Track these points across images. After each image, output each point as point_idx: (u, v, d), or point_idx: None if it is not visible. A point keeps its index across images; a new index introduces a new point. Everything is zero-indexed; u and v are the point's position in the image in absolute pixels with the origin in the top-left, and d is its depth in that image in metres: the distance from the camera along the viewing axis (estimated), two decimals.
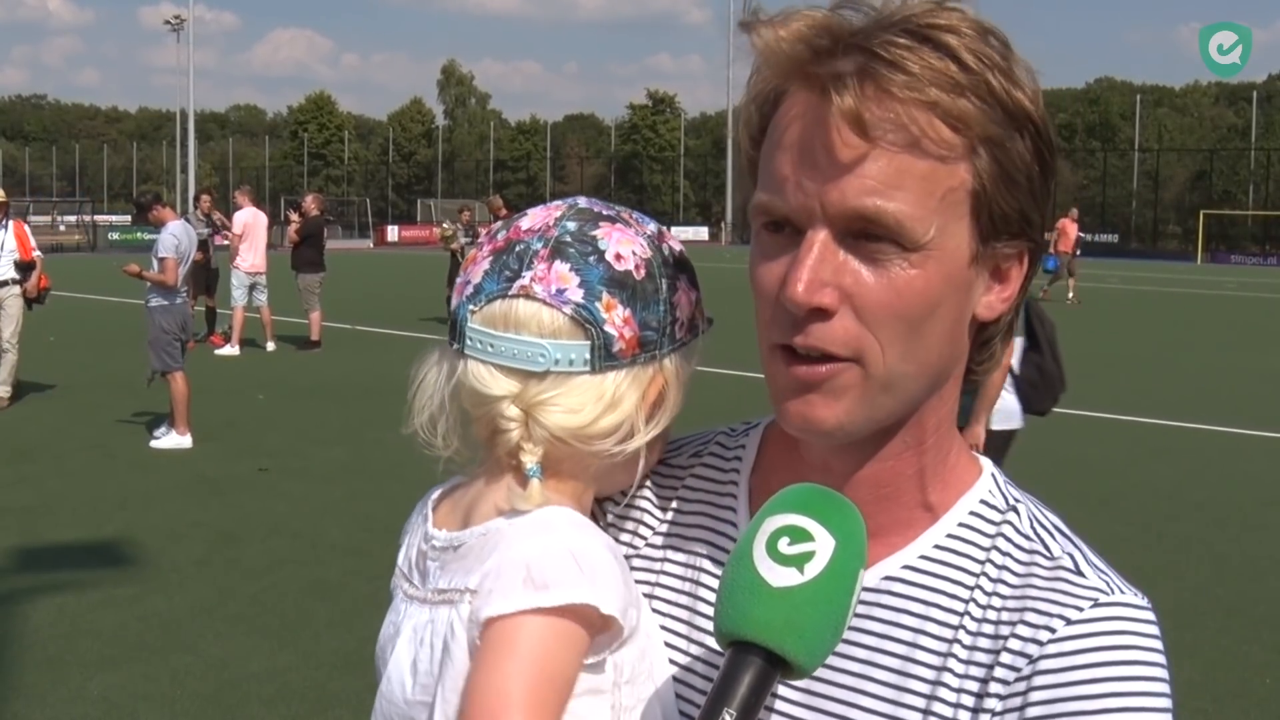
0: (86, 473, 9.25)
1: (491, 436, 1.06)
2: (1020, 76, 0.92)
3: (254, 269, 16.61)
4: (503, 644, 0.97)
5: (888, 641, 0.98)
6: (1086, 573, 0.96)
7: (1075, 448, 10.05)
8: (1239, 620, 6.10)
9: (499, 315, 1.03)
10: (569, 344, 1.02)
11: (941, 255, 0.91)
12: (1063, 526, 1.02)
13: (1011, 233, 0.94)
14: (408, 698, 1.05)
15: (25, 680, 5.24)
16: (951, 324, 0.95)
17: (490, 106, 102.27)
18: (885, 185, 0.89)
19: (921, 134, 0.88)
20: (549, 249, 1.03)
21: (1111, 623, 0.92)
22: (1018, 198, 0.93)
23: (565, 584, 0.97)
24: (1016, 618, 0.94)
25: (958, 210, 0.91)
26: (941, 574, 0.99)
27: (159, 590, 6.43)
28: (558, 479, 1.06)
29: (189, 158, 63.43)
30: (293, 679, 5.29)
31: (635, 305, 1.03)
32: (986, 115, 0.90)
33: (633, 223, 1.08)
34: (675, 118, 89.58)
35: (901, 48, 0.89)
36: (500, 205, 21.28)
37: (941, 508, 1.02)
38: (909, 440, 1.00)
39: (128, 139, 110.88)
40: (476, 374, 1.04)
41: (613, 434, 1.04)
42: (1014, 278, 0.97)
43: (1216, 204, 59.97)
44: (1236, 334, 21.17)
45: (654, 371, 1.06)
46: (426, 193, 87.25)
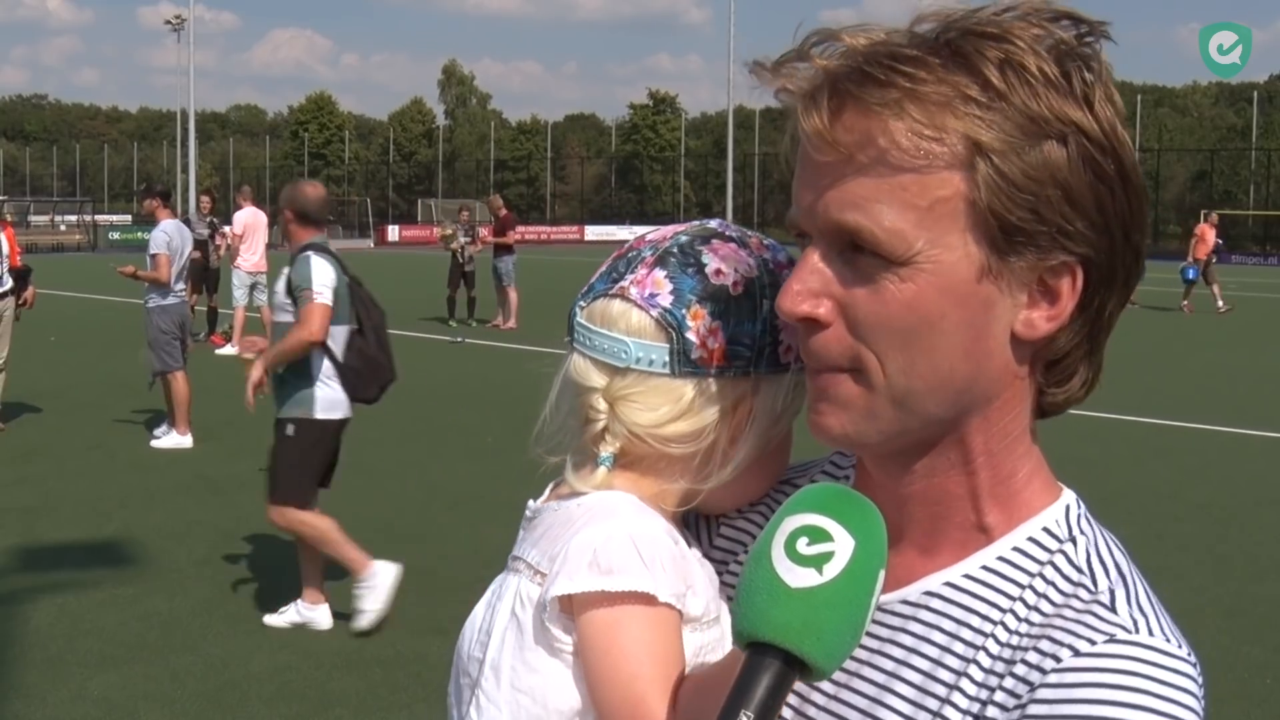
0: (86, 473, 9.25)
1: (583, 426, 1.12)
2: (1077, 83, 0.90)
3: (255, 269, 16.60)
4: (603, 632, 1.02)
5: (914, 655, 0.97)
6: (1119, 609, 0.91)
7: (1075, 448, 10.04)
8: (1239, 620, 6.10)
9: (598, 312, 1.10)
10: (650, 344, 1.07)
11: (936, 268, 0.89)
12: (1122, 565, 0.97)
13: (1040, 245, 0.90)
14: (468, 652, 1.13)
15: (25, 680, 5.24)
16: (967, 340, 0.92)
17: (490, 106, 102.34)
18: (864, 199, 0.89)
19: (893, 145, 0.88)
20: (655, 257, 1.09)
21: (1123, 661, 0.87)
22: (1040, 209, 0.89)
23: (628, 570, 1.02)
24: (1031, 645, 0.92)
25: (952, 222, 0.89)
26: (980, 595, 0.97)
27: (159, 590, 6.44)
28: (634, 473, 1.11)
29: (189, 158, 63.35)
30: (293, 679, 5.29)
31: (726, 319, 1.07)
32: (988, 124, 0.88)
33: (754, 246, 1.11)
34: (676, 117, 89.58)
35: (903, 61, 0.89)
36: (500, 205, 21.29)
37: (998, 531, 0.99)
38: (953, 459, 0.98)
39: (128, 139, 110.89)
40: (576, 365, 1.11)
41: (687, 440, 1.08)
42: (1065, 294, 0.92)
43: (1217, 204, 59.91)
44: (1237, 334, 21.16)
45: (745, 388, 1.08)
46: (427, 193, 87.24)
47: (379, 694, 5.14)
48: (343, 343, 5.87)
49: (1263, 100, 72.59)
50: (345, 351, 5.87)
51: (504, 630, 1.08)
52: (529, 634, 1.06)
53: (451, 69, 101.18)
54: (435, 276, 22.90)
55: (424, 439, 10.53)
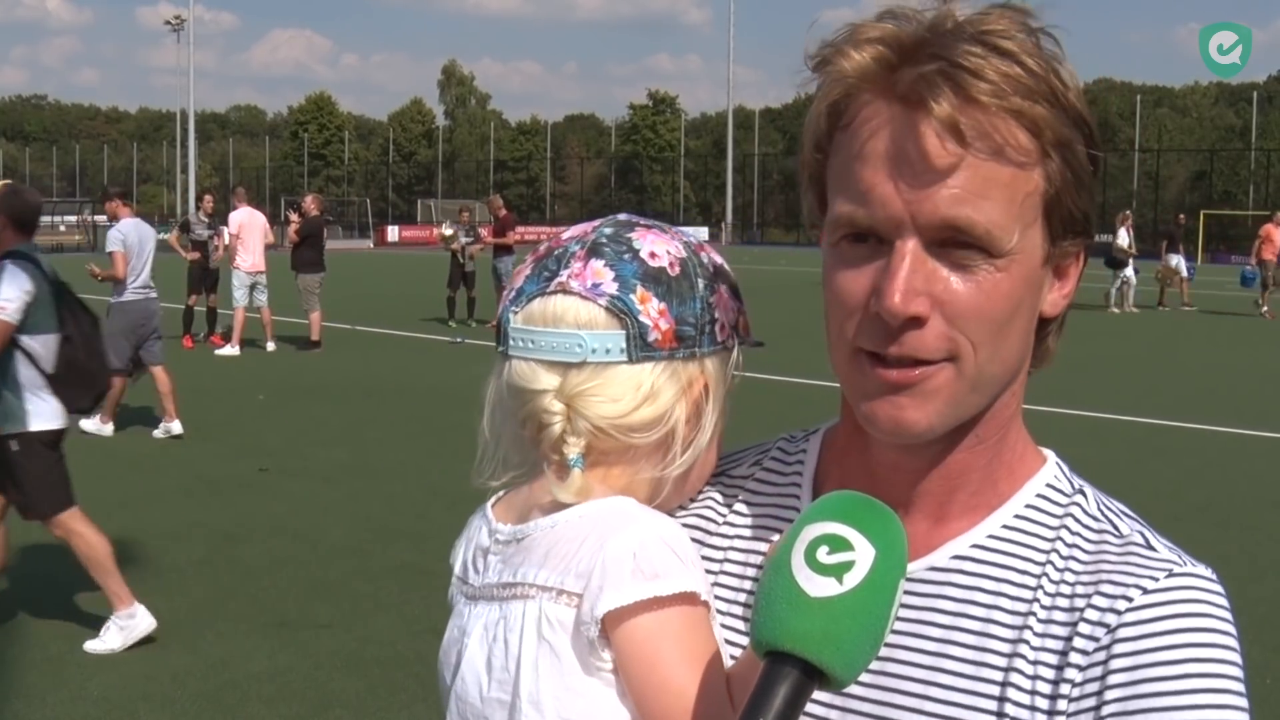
0: (86, 473, 9.23)
1: (537, 433, 1.08)
2: (1067, 78, 0.94)
3: (254, 269, 16.60)
4: (648, 641, 1.00)
5: (962, 619, 0.99)
6: (1157, 547, 0.99)
7: (1075, 448, 10.04)
8: (1240, 620, 6.06)
9: (538, 312, 1.07)
10: (605, 333, 1.06)
11: (1022, 259, 0.94)
12: (1126, 510, 1.05)
13: (1076, 232, 0.98)
14: (484, 695, 1.07)
15: (25, 680, 5.24)
16: (1027, 322, 0.98)
17: (490, 107, 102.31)
18: (974, 195, 0.91)
19: (1004, 142, 0.91)
20: (585, 250, 1.08)
21: (1187, 591, 0.95)
22: (1083, 198, 0.96)
23: (672, 572, 1.01)
24: (1091, 589, 0.96)
25: (1034, 214, 0.94)
26: (1011, 552, 1.01)
27: (159, 590, 6.43)
28: (605, 470, 1.08)
29: (189, 158, 63.44)
30: (293, 679, 5.29)
31: (671, 300, 1.07)
32: (1058, 119, 0.92)
33: (670, 230, 1.12)
34: (675, 118, 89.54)
35: (977, 56, 0.91)
36: (500, 205, 21.29)
37: (1009, 492, 1.04)
38: (981, 434, 1.02)
39: (128, 139, 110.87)
40: (519, 371, 1.08)
41: (653, 427, 1.07)
42: (1072, 274, 1.02)
43: (1217, 204, 59.95)
44: (1237, 334, 21.16)
45: (695, 369, 1.08)
46: (427, 193, 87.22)
47: (379, 694, 5.14)
48: (52, 352, 5.63)
49: (1262, 100, 72.58)
50: (55, 361, 5.64)
51: (535, 661, 1.03)
52: (567, 658, 1.03)
53: (451, 69, 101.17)
54: (435, 277, 22.91)
55: (424, 439, 10.53)
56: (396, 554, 7.03)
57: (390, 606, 6.15)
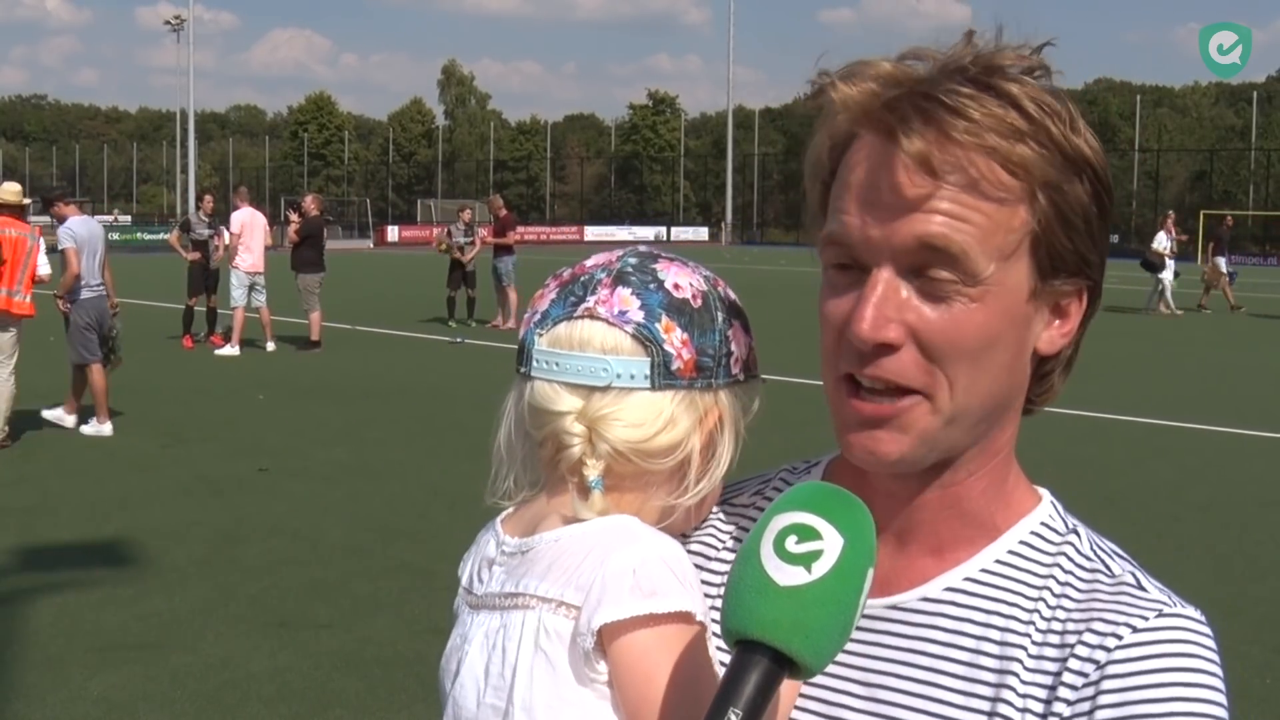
0: (86, 473, 9.25)
1: (555, 454, 1.10)
2: (1080, 124, 0.96)
3: (253, 269, 16.61)
4: (645, 657, 1.02)
5: (952, 650, 1.01)
6: (1148, 588, 1.00)
7: (1075, 448, 10.05)
8: (1239, 621, 6.09)
9: (564, 336, 1.09)
10: (631, 360, 1.07)
11: (1000, 291, 0.95)
12: (1119, 551, 1.06)
13: (1069, 271, 0.98)
14: (480, 701, 1.09)
15: (25, 680, 5.24)
16: (1011, 357, 0.98)
17: (490, 107, 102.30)
18: (949, 218, 0.93)
19: (981, 177, 0.93)
20: (612, 278, 1.10)
21: (1176, 632, 0.96)
22: (1074, 239, 0.97)
23: (670, 592, 1.03)
24: (1083, 627, 0.97)
25: (1017, 250, 0.95)
26: (1003, 586, 1.02)
27: (159, 590, 6.43)
28: (619, 494, 1.10)
29: (189, 158, 63.45)
30: (293, 679, 5.29)
31: (693, 331, 1.09)
32: (1045, 160, 0.94)
33: (690, 264, 1.14)
34: (675, 118, 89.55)
35: (965, 95, 0.93)
36: (500, 205, 21.30)
37: (1003, 528, 1.05)
38: (972, 468, 1.03)
39: (128, 139, 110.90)
40: (542, 393, 1.10)
41: (670, 453, 1.08)
42: (1074, 314, 1.02)
43: (1217, 204, 59.90)
44: (1237, 334, 21.16)
45: (710, 400, 1.10)
46: (427, 193, 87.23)
47: (379, 694, 5.14)
48: None
49: (1262, 100, 72.58)
50: None
51: (530, 669, 1.06)
52: (562, 668, 1.05)
53: (451, 69, 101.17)
54: (435, 276, 22.91)
55: (424, 439, 10.53)
56: (396, 554, 7.03)
57: (390, 606, 6.15)
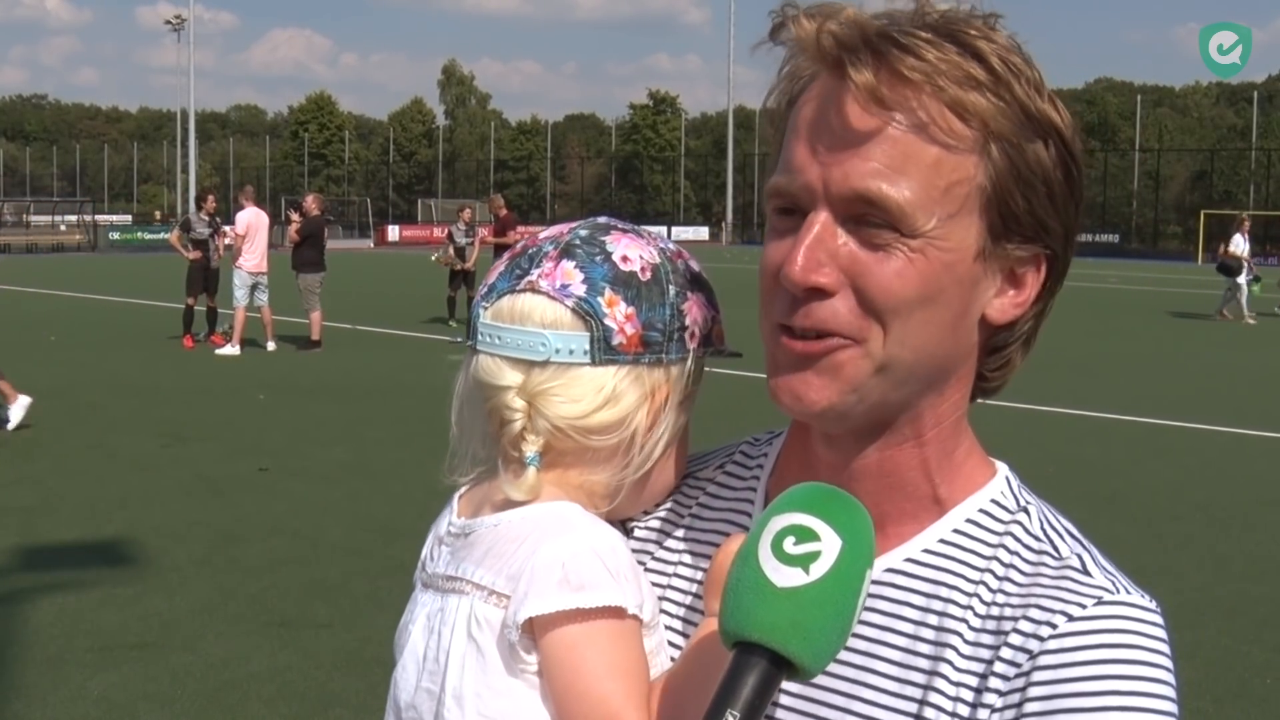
0: (86, 473, 9.25)
1: (499, 429, 1.10)
2: (1046, 91, 0.94)
3: (256, 269, 16.62)
4: (573, 650, 1.01)
5: (889, 634, 0.98)
6: (1093, 572, 0.96)
7: (1075, 448, 10.05)
8: (1239, 620, 6.09)
9: (506, 309, 1.08)
10: (569, 334, 1.06)
11: (944, 245, 0.92)
12: (1074, 530, 1.02)
13: (1025, 235, 0.95)
14: (417, 684, 1.10)
15: (25, 680, 5.24)
16: (954, 317, 0.95)
17: (490, 106, 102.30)
18: (890, 169, 0.90)
19: (930, 120, 0.90)
20: (558, 250, 1.09)
21: (1114, 621, 0.91)
22: (1032, 201, 0.93)
23: (599, 585, 1.01)
24: (1020, 614, 0.94)
25: (965, 204, 0.92)
26: (945, 567, 0.99)
27: (159, 590, 6.43)
28: (561, 472, 1.09)
29: (189, 158, 63.45)
30: (293, 679, 5.29)
31: (639, 304, 1.07)
32: (1002, 114, 0.91)
33: (648, 236, 1.11)
34: (676, 118, 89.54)
35: (923, 40, 0.90)
36: (501, 205, 21.31)
37: (949, 503, 1.02)
38: (907, 433, 1.00)
39: (128, 139, 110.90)
40: (485, 366, 1.09)
41: (612, 430, 1.07)
42: (1030, 283, 0.97)
43: (1217, 204, 59.87)
44: (1237, 334, 21.16)
45: (660, 376, 1.08)
46: (427, 193, 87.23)
47: (379, 694, 5.09)
48: None
49: (1263, 100, 72.57)
50: None
51: (462, 656, 1.06)
52: (491, 657, 1.04)
53: (451, 69, 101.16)
54: (435, 276, 22.90)
55: (424, 439, 10.52)
56: (396, 554, 7.02)
57: (390, 606, 6.14)
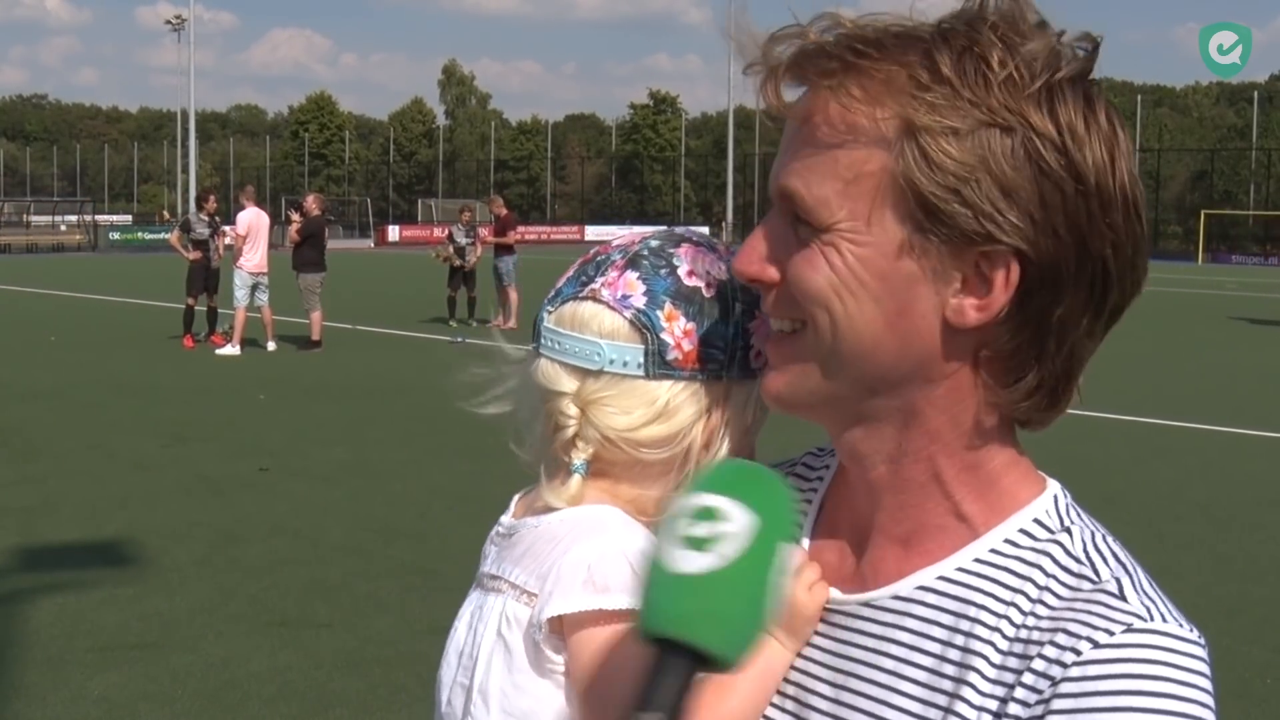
0: (86, 473, 9.25)
1: (553, 433, 1.10)
2: (1041, 86, 0.90)
3: (257, 269, 16.62)
4: (591, 653, 1.01)
5: (915, 653, 0.96)
6: (1129, 597, 0.91)
7: (1075, 448, 10.04)
8: (1240, 620, 6.09)
9: (567, 315, 1.09)
10: (625, 346, 1.06)
11: (856, 238, 0.92)
12: (1120, 553, 0.96)
13: (963, 230, 0.89)
14: (452, 678, 1.11)
15: (25, 680, 5.24)
16: (889, 314, 0.93)
17: (491, 106, 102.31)
18: (803, 167, 0.94)
19: (825, 120, 0.93)
20: (625, 260, 1.09)
21: (1144, 650, 0.87)
22: (962, 192, 0.88)
23: (625, 588, 1.00)
24: (1047, 638, 0.90)
25: (875, 196, 0.91)
26: (977, 586, 0.96)
27: (160, 590, 6.43)
28: (610, 482, 1.09)
29: (190, 158, 63.41)
30: (293, 679, 5.29)
31: (700, 320, 1.06)
32: (917, 105, 0.89)
33: (721, 251, 1.11)
34: (676, 117, 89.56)
35: (854, 51, 0.92)
36: (501, 205, 21.31)
37: (984, 524, 0.98)
38: (907, 446, 0.98)
39: (128, 139, 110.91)
40: (544, 370, 1.10)
41: (662, 444, 1.07)
42: (998, 286, 0.90)
43: (1217, 204, 59.90)
44: (1237, 334, 21.16)
45: (719, 393, 1.07)
46: (428, 193, 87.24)
47: (379, 694, 5.14)
48: None
49: (1263, 100, 72.57)
50: None
51: (490, 653, 1.07)
52: (518, 656, 1.05)
53: (451, 69, 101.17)
54: (435, 276, 22.90)
55: (424, 439, 10.52)
56: (397, 554, 7.03)
57: (390, 606, 6.15)
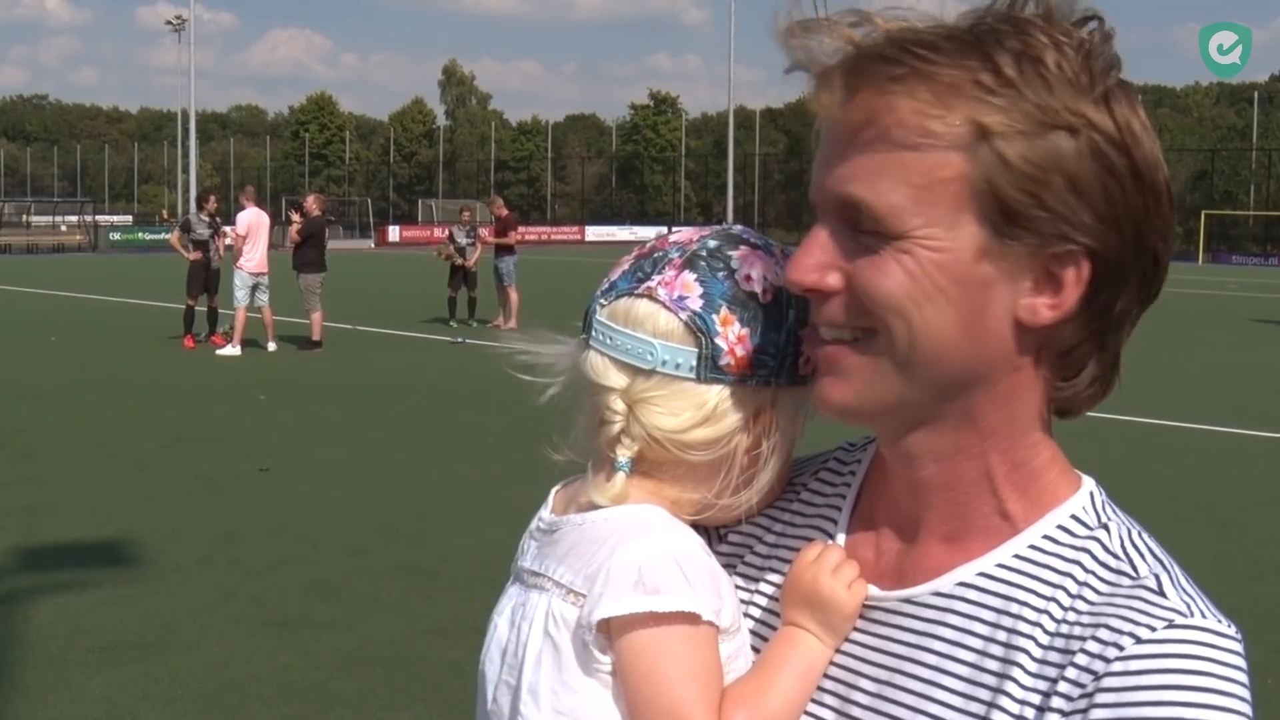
0: (86, 473, 9.25)
1: (598, 428, 1.09)
2: (1098, 84, 0.91)
3: (257, 269, 16.62)
4: (645, 653, 1.01)
5: (958, 648, 0.97)
6: (1169, 593, 0.93)
7: (1075, 448, 9.98)
8: (1240, 620, 6.03)
9: (621, 311, 1.07)
10: (678, 347, 1.05)
11: (932, 245, 0.91)
12: (1156, 549, 0.99)
13: (1042, 232, 0.90)
14: (499, 676, 1.10)
15: (25, 680, 5.24)
16: (964, 318, 0.93)
17: (491, 107, 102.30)
18: (866, 175, 0.91)
19: (896, 123, 0.90)
20: (683, 259, 1.07)
21: (1185, 645, 0.89)
22: (1040, 195, 0.90)
23: (674, 590, 1.01)
24: (1089, 634, 0.91)
25: (952, 202, 0.91)
26: (1017, 583, 0.97)
27: (160, 590, 6.43)
28: (653, 482, 1.09)
29: (190, 158, 63.39)
30: (293, 679, 5.29)
31: (755, 327, 1.05)
32: (988, 108, 0.89)
33: (779, 253, 1.09)
34: (676, 118, 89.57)
35: (918, 51, 0.91)
36: (501, 206, 21.30)
37: (1024, 520, 1.00)
38: (962, 444, 0.99)
39: (129, 139, 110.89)
40: (594, 364, 1.08)
41: (710, 447, 1.06)
42: (1069, 283, 0.92)
43: (1218, 204, 59.91)
44: (1237, 334, 21.16)
45: (767, 399, 1.07)
46: (428, 193, 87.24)
47: (379, 694, 5.14)
48: None
49: (1263, 100, 72.58)
50: None
51: (539, 652, 1.06)
52: (566, 655, 1.05)
53: (451, 69, 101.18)
54: (435, 277, 22.91)
55: (424, 439, 10.53)
56: (397, 554, 7.03)
57: (390, 606, 6.15)
